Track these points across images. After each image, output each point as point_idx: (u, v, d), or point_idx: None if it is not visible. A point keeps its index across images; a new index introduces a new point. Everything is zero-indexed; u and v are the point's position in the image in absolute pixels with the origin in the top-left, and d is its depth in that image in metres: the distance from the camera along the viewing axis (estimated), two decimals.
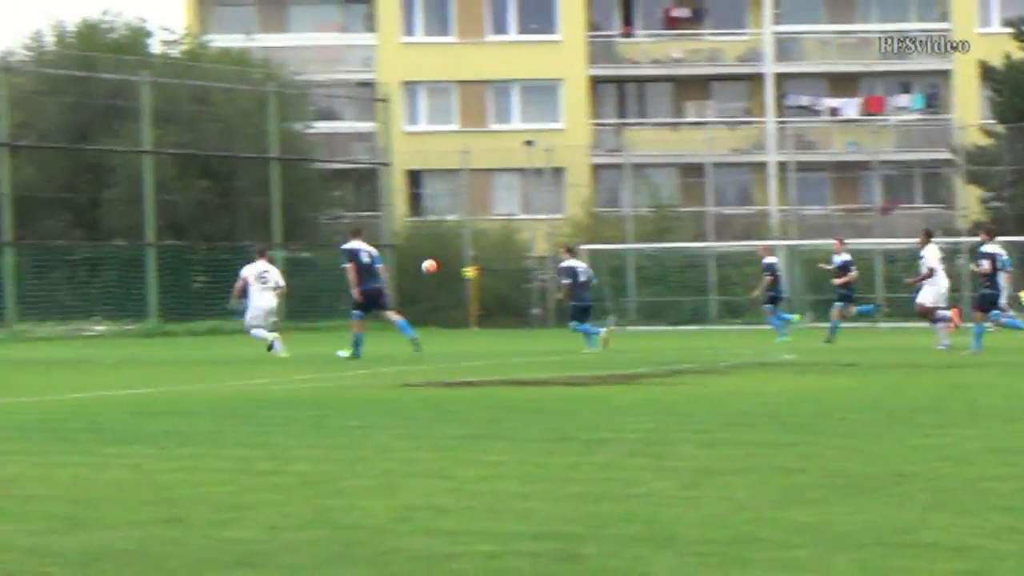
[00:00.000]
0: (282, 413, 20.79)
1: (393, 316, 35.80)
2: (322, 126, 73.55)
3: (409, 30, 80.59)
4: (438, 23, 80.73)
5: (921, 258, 37.33)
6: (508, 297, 64.94)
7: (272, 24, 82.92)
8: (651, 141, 76.77)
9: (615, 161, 76.65)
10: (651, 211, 72.12)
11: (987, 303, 34.60)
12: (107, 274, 59.01)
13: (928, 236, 38.05)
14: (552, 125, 78.65)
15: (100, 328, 54.54)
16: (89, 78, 60.86)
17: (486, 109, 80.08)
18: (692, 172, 76.01)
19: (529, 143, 69.89)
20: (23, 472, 14.68)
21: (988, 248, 34.93)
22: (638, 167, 74.96)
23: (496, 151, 73.43)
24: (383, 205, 69.27)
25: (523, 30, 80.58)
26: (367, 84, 78.19)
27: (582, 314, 39.88)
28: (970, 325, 36.90)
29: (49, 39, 68.87)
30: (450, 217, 70.97)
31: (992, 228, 38.31)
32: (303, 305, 60.33)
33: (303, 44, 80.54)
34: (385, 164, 69.19)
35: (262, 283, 37.34)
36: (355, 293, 34.17)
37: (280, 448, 16.48)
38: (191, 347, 43.94)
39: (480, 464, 15.03)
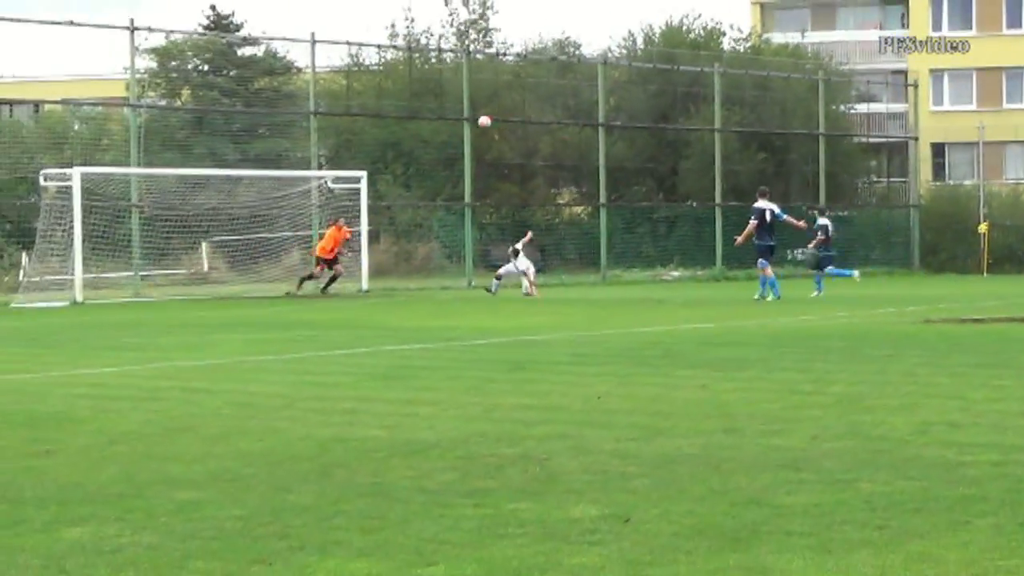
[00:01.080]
0: (823, 344, 20.60)
1: (769, 271, 35.49)
2: (862, 107, 72.53)
3: (937, 26, 78.61)
4: (961, 19, 78.45)
5: None
6: (1015, 248, 62.57)
7: (822, 23, 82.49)
8: None
9: None
10: None
11: None
12: (682, 229, 59.47)
13: None
14: None
15: (676, 274, 54.98)
16: (670, 70, 61.33)
17: (1001, 91, 77.64)
18: None
19: None
20: (610, 390, 14.95)
21: None
22: None
23: (1008, 127, 71.62)
24: (911, 172, 67.98)
25: None
26: (900, 72, 76.69)
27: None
28: None
29: (639, 38, 69.88)
30: (967, 182, 68.91)
31: None
32: (843, 255, 59.64)
33: (848, 39, 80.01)
34: (914, 138, 67.73)
35: None
36: (738, 240, 35.98)
37: (821, 372, 16.35)
38: (749, 290, 43.88)
39: (988, 387, 14.60)
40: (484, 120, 39.93)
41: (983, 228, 60.13)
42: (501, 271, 40.64)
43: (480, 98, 54.83)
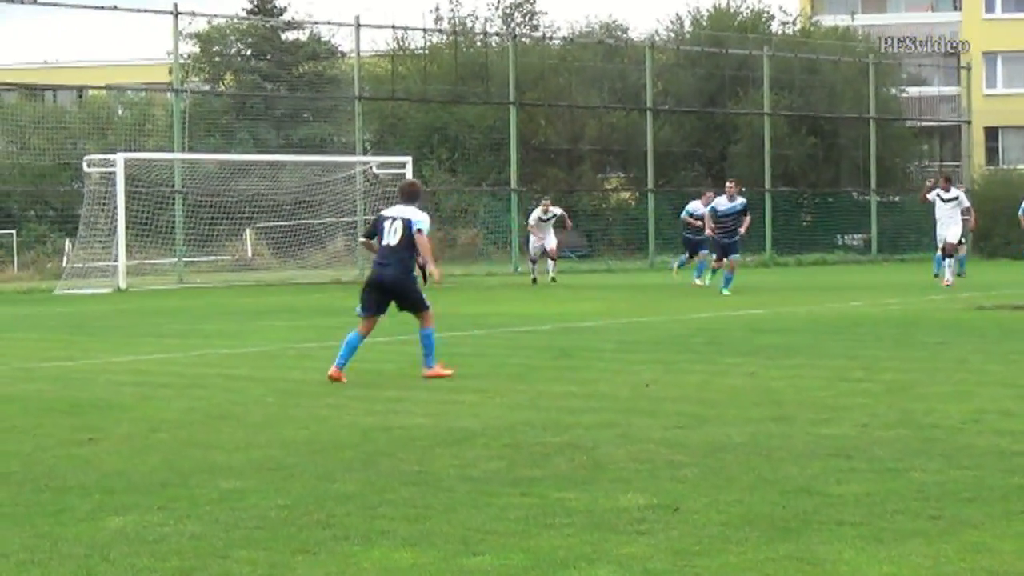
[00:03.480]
0: (873, 331, 20.51)
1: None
2: (913, 90, 72.09)
3: (990, 7, 78.14)
4: (1015, 1, 77.94)
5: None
6: None
7: (873, 5, 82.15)
8: None
9: None
10: None
11: None
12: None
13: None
14: None
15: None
16: (718, 53, 61.11)
17: None
18: None
19: None
20: (657, 377, 14.91)
21: None
22: None
23: None
24: (964, 157, 67.56)
25: None
26: (952, 54, 76.23)
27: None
28: None
29: (686, 21, 69.71)
30: (1021, 166, 68.48)
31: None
32: (893, 240, 59.50)
33: (898, 22, 79.55)
34: (966, 122, 67.36)
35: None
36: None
37: (871, 360, 16.27)
38: (799, 275, 43.78)
39: None
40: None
41: None
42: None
43: (526, 82, 54.82)
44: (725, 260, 31.43)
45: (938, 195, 33.39)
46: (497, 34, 63.22)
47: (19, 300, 35.22)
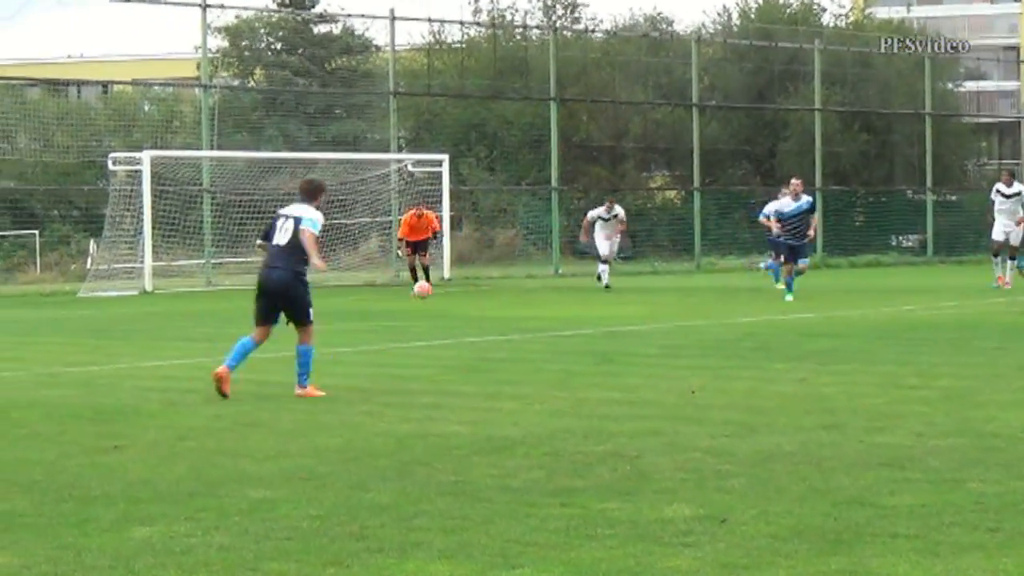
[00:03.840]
0: (928, 335, 20.43)
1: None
2: (971, 85, 71.83)
3: None
4: None
5: None
6: None
7: None
8: None
9: None
10: None
11: None
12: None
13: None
14: None
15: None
16: (767, 47, 60.97)
17: None
18: None
19: None
20: (704, 384, 14.90)
21: None
22: None
23: None
24: None
25: None
26: (1012, 48, 75.96)
27: None
28: None
29: (734, 13, 69.62)
30: None
31: None
32: (950, 241, 59.18)
33: (955, 14, 79.38)
34: None
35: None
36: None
37: (926, 365, 16.22)
38: (851, 277, 43.63)
39: None
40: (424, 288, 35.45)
41: None
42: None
43: (567, 77, 54.80)
44: (795, 264, 30.46)
45: (998, 190, 33.20)
46: (537, 27, 63.28)
47: (42, 303, 35.39)
